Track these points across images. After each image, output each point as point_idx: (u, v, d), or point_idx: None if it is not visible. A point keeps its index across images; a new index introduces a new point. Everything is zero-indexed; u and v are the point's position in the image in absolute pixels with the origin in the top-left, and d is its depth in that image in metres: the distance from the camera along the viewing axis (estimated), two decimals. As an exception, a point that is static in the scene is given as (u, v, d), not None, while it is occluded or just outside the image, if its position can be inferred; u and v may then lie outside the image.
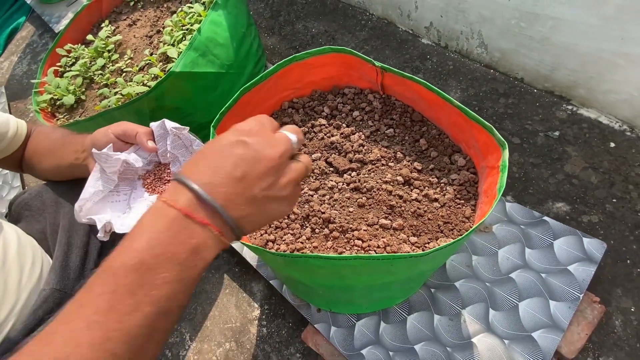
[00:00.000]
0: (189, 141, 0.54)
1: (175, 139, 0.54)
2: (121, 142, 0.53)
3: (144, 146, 0.52)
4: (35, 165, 0.61)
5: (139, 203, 0.53)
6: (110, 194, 0.52)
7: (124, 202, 0.53)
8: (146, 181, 0.56)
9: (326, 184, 0.63)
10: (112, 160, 0.50)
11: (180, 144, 0.54)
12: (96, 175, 0.51)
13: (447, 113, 0.58)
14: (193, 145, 0.54)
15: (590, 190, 0.82)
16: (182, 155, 0.55)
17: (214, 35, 0.90)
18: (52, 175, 0.62)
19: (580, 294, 0.63)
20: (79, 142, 0.56)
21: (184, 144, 0.54)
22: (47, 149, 0.60)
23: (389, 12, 1.20)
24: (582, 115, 0.91)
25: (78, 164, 0.55)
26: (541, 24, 0.83)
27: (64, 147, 0.58)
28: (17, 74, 1.76)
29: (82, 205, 0.49)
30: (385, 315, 0.69)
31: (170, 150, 0.54)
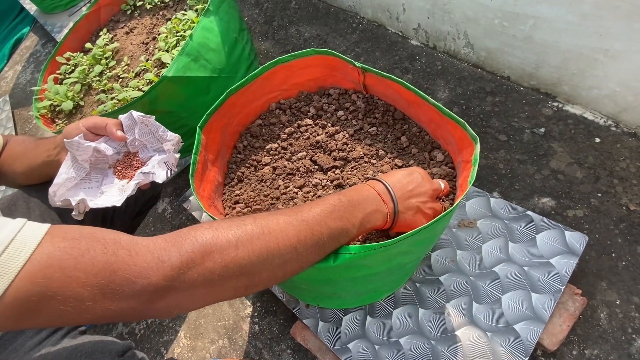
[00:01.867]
0: (155, 127, 0.59)
1: (142, 127, 0.59)
2: (92, 134, 0.57)
3: (113, 135, 0.56)
4: (7, 171, 0.62)
5: (110, 187, 0.57)
6: (82, 182, 0.56)
7: (95, 188, 0.58)
8: (116, 169, 0.61)
9: (310, 182, 0.65)
10: (83, 147, 0.55)
11: (147, 131, 0.59)
12: (68, 164, 0.55)
13: (424, 111, 0.60)
14: (159, 131, 0.59)
15: (576, 185, 0.83)
16: (149, 142, 0.60)
17: (205, 40, 0.92)
18: (24, 178, 0.62)
19: (562, 286, 0.64)
20: (50, 141, 0.60)
21: (150, 130, 0.59)
22: (20, 153, 0.61)
23: (378, 15, 1.22)
24: (567, 111, 0.92)
25: (50, 160, 0.58)
26: (522, 22, 0.84)
27: (37, 148, 0.60)
28: (21, 83, 1.81)
29: (55, 190, 0.53)
30: (372, 310, 0.70)
31: (138, 138, 0.59)
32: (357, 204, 0.43)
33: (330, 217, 0.40)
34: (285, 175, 0.68)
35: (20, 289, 0.28)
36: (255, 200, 0.65)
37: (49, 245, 0.30)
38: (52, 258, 0.30)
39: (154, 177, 0.56)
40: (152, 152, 0.62)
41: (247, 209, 0.64)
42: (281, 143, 0.73)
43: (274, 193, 0.65)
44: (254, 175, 0.69)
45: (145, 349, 0.91)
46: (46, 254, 0.30)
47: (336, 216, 0.41)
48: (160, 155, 0.60)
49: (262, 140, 0.74)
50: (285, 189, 0.66)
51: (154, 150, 0.62)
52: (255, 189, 0.67)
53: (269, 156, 0.71)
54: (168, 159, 0.58)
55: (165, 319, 0.93)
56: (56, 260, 0.30)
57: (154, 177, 0.56)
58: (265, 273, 0.37)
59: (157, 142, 0.61)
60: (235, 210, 0.64)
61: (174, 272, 0.33)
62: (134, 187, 0.55)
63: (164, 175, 0.56)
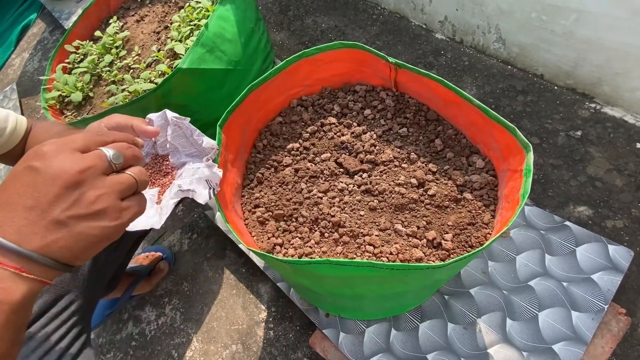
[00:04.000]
0: (189, 131, 0.52)
1: (176, 129, 0.52)
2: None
3: (144, 131, 0.48)
4: None
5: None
6: None
7: None
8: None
9: (336, 186, 0.61)
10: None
11: (181, 134, 0.53)
12: None
13: (465, 112, 0.55)
14: (194, 135, 0.52)
15: (615, 193, 0.77)
16: (182, 145, 0.54)
17: (221, 30, 0.87)
18: None
19: (605, 305, 0.59)
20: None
21: (184, 134, 0.53)
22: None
23: (401, 6, 1.16)
24: (606, 114, 0.86)
25: None
26: (564, 17, 0.78)
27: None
28: (29, 71, 1.77)
29: None
30: (397, 322, 0.66)
31: (170, 141, 0.53)
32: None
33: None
34: (308, 178, 0.63)
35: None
36: (277, 205, 0.60)
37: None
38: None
39: (194, 195, 0.49)
40: (184, 157, 0.54)
41: (268, 213, 0.60)
42: (303, 143, 0.68)
43: (297, 197, 0.61)
44: (274, 177, 0.65)
45: (156, 350, 0.88)
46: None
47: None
48: (194, 163, 0.53)
49: (283, 140, 0.69)
50: (309, 193, 0.61)
51: (187, 156, 0.55)
52: (276, 192, 0.63)
53: (290, 157, 0.67)
54: (211, 177, 0.50)
55: (177, 321, 0.90)
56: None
57: (194, 196, 0.48)
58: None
59: (191, 146, 0.54)
60: (256, 215, 0.60)
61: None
62: (172, 206, 0.47)
63: (206, 195, 0.49)
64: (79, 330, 0.52)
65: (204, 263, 0.97)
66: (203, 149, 0.53)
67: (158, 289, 0.97)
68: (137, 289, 0.92)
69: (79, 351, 0.50)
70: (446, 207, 0.55)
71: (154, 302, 0.95)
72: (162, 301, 0.95)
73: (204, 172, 0.50)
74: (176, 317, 0.91)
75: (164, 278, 0.98)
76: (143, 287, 0.94)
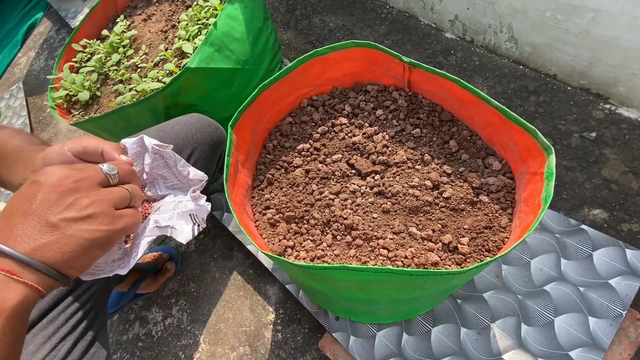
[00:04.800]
0: (173, 161, 0.46)
1: (156, 158, 0.46)
2: (81, 161, 0.42)
3: (114, 159, 0.41)
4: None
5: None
6: None
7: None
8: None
9: (348, 188, 0.60)
10: None
11: (162, 163, 0.46)
12: None
13: (481, 113, 0.54)
14: (178, 166, 0.46)
15: (631, 196, 0.76)
16: (162, 177, 0.47)
17: (230, 29, 0.86)
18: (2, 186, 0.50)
19: (623, 310, 0.58)
20: (30, 160, 0.47)
21: (166, 163, 0.46)
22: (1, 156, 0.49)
23: (410, 5, 1.15)
24: (621, 115, 0.84)
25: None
26: (580, 16, 0.76)
27: (17, 162, 0.48)
28: (35, 70, 1.78)
29: None
30: (408, 326, 0.65)
31: (148, 171, 0.46)
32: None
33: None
34: (319, 180, 0.62)
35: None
36: (288, 207, 0.60)
37: None
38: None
39: (173, 232, 0.41)
40: (164, 190, 0.48)
41: (279, 215, 0.59)
42: (313, 143, 0.67)
43: (308, 199, 0.60)
44: (284, 178, 0.64)
45: (163, 352, 0.87)
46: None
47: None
48: (176, 196, 0.46)
49: (293, 140, 0.68)
50: (320, 194, 0.60)
51: (167, 188, 0.48)
52: (286, 194, 0.62)
53: (300, 157, 0.66)
54: (197, 211, 0.44)
55: (184, 322, 0.90)
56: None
57: (173, 233, 0.41)
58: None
59: (174, 177, 0.47)
60: (266, 217, 0.59)
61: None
62: (146, 246, 0.40)
63: (189, 232, 0.42)
64: (95, 315, 0.52)
65: (210, 264, 0.96)
66: (189, 181, 0.46)
67: (165, 289, 0.96)
68: (143, 287, 0.92)
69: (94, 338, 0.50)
70: (462, 210, 0.54)
71: (160, 302, 0.95)
72: (169, 302, 0.94)
73: (188, 206, 0.44)
74: (183, 318, 0.90)
75: (171, 278, 0.97)
76: (149, 286, 0.93)
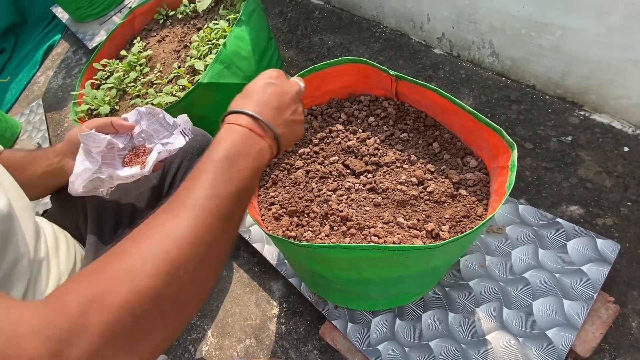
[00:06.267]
0: (161, 116, 0.63)
1: (149, 117, 0.63)
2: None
3: (121, 125, 0.60)
4: None
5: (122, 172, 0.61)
6: (94, 174, 0.60)
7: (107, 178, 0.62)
8: (124, 160, 0.65)
9: (343, 185, 0.67)
10: (99, 139, 0.58)
11: (154, 120, 0.64)
12: (81, 157, 0.58)
13: (458, 118, 0.62)
14: (165, 118, 0.64)
15: (605, 193, 0.83)
16: (156, 131, 0.64)
17: (238, 49, 0.96)
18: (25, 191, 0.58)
19: (594, 293, 0.64)
20: (49, 151, 0.60)
21: (157, 120, 0.64)
22: (18, 164, 0.60)
23: (402, 25, 1.25)
24: (594, 120, 0.92)
25: (52, 169, 0.60)
26: (550, 33, 0.86)
27: (35, 160, 0.60)
28: (53, 88, 1.89)
29: (74, 180, 0.57)
30: (401, 313, 0.71)
31: (145, 129, 0.63)
32: (235, 156, 0.37)
33: (218, 186, 0.34)
34: (318, 179, 0.70)
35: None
36: (290, 202, 0.67)
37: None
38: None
39: (171, 147, 0.61)
40: (158, 141, 0.65)
41: (283, 210, 0.67)
42: (313, 148, 0.75)
43: (308, 195, 0.67)
44: (287, 178, 0.72)
45: (174, 345, 0.93)
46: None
47: (222, 182, 0.34)
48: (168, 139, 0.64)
49: (295, 145, 0.77)
50: (319, 191, 0.68)
51: (159, 140, 0.65)
52: (289, 192, 0.69)
53: (301, 160, 0.74)
54: (185, 125, 0.63)
55: (193, 318, 0.96)
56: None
57: (171, 147, 0.61)
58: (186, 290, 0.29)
59: (164, 130, 0.65)
60: (271, 212, 0.67)
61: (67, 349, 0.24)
62: (156, 157, 0.59)
63: (182, 140, 0.62)
64: None
65: (219, 263, 1.03)
66: (175, 125, 0.64)
67: (175, 288, 1.02)
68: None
69: None
70: (443, 202, 0.61)
71: (171, 300, 1.01)
72: (180, 299, 1.00)
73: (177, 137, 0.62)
74: (193, 314, 0.96)
75: (181, 278, 1.04)
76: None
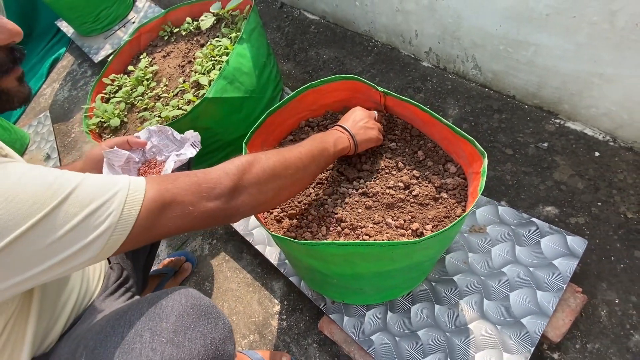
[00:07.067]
0: (169, 132, 0.77)
1: (159, 134, 0.78)
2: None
3: (136, 143, 0.75)
4: None
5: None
6: None
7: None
8: (139, 171, 0.78)
9: (338, 190, 0.75)
10: (120, 154, 0.71)
11: (164, 137, 0.78)
12: (106, 170, 0.71)
13: (438, 129, 0.69)
14: (174, 134, 0.77)
15: (577, 195, 0.90)
16: (165, 146, 0.78)
17: (240, 65, 1.04)
18: None
19: (564, 284, 0.71)
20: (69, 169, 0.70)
21: (166, 136, 0.78)
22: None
23: (392, 39, 1.33)
24: (569, 127, 1.00)
25: None
26: (525, 49, 0.94)
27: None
28: (59, 100, 1.97)
29: None
30: (392, 306, 0.78)
31: (156, 144, 0.77)
32: (327, 134, 0.68)
33: (315, 142, 0.63)
34: (315, 184, 0.77)
35: (147, 207, 0.42)
36: (290, 206, 0.74)
37: (152, 181, 0.45)
38: (159, 186, 0.44)
39: (184, 156, 0.73)
40: (169, 153, 0.77)
41: (283, 213, 0.74)
42: (310, 156, 0.82)
43: (306, 200, 0.74)
44: (287, 185, 0.79)
45: (182, 343, 0.99)
46: (154, 185, 0.44)
47: (318, 141, 0.63)
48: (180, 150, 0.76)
49: (294, 154, 0.84)
50: (316, 196, 0.75)
51: (169, 152, 0.77)
52: (289, 197, 0.76)
53: (300, 168, 0.81)
54: (194, 139, 0.77)
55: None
56: (162, 187, 0.44)
57: (184, 157, 0.73)
58: (287, 177, 0.55)
59: (172, 144, 0.78)
60: (273, 215, 0.74)
61: (236, 177, 0.49)
62: (172, 165, 0.71)
63: (194, 151, 0.75)
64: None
65: (223, 265, 1.09)
66: (183, 139, 0.76)
67: (182, 289, 1.09)
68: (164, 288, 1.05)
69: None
70: (427, 204, 0.68)
71: (179, 300, 1.07)
72: (186, 300, 1.06)
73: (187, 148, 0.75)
74: (199, 313, 1.03)
75: (187, 279, 1.10)
76: (169, 286, 1.06)
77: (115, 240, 0.40)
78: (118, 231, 0.40)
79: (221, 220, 0.49)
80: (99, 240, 0.39)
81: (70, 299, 0.56)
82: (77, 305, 0.57)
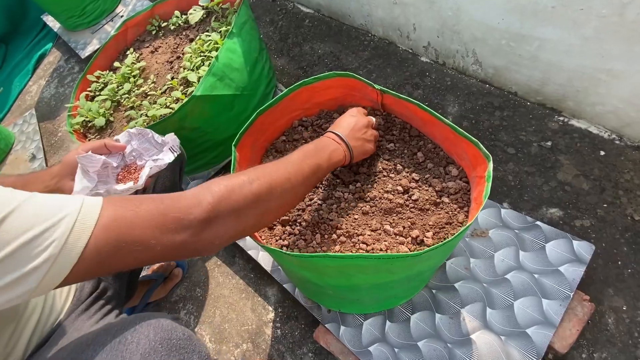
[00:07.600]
0: (150, 135, 0.72)
1: (139, 137, 0.72)
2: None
3: (113, 146, 0.68)
4: None
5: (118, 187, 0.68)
6: (91, 192, 0.66)
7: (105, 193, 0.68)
8: (118, 177, 0.72)
9: (333, 194, 0.71)
10: (94, 160, 0.65)
11: (144, 140, 0.73)
12: (80, 176, 0.65)
13: (439, 129, 0.65)
14: (154, 137, 0.72)
15: (582, 196, 0.87)
16: (146, 150, 0.72)
17: (230, 61, 0.99)
18: None
19: (571, 292, 0.68)
20: (43, 174, 0.65)
21: (146, 139, 0.73)
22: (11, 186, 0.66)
23: (389, 33, 1.29)
24: (573, 125, 0.96)
25: (48, 191, 0.64)
26: (528, 43, 0.90)
27: (27, 184, 0.64)
28: (46, 97, 1.90)
29: None
30: (390, 315, 0.75)
31: (136, 148, 0.72)
32: (321, 148, 0.60)
33: (307, 158, 0.57)
34: (310, 188, 0.73)
35: (99, 237, 0.36)
36: (283, 212, 0.70)
37: (110, 206, 0.38)
38: (117, 213, 0.38)
39: (161, 162, 0.68)
40: (148, 158, 0.72)
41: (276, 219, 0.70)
42: (304, 158, 0.78)
43: (300, 205, 0.70)
44: (279, 188, 0.75)
45: (172, 352, 0.95)
46: (111, 211, 0.38)
47: (310, 156, 0.57)
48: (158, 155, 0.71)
49: (286, 155, 0.79)
50: (310, 201, 0.71)
51: (150, 156, 0.72)
52: (282, 201, 0.72)
53: (293, 170, 0.77)
54: (173, 143, 0.72)
55: (191, 324, 0.98)
56: (119, 214, 0.38)
57: (161, 162, 0.68)
58: (272, 201, 0.50)
59: (153, 148, 0.73)
60: (264, 221, 0.70)
61: (210, 206, 0.42)
62: (148, 172, 0.66)
63: (171, 156, 0.70)
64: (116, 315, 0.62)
65: (214, 270, 1.05)
66: (163, 142, 0.70)
67: (173, 295, 1.05)
68: (153, 296, 1.00)
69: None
70: (427, 210, 0.64)
71: (169, 307, 1.03)
72: (177, 307, 1.03)
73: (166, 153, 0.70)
74: (190, 321, 0.99)
75: (178, 285, 1.06)
76: (159, 292, 1.02)
77: (55, 274, 0.34)
78: (59, 264, 0.34)
79: (190, 253, 0.43)
80: (36, 273, 0.33)
81: (30, 320, 0.51)
82: (41, 325, 0.52)
